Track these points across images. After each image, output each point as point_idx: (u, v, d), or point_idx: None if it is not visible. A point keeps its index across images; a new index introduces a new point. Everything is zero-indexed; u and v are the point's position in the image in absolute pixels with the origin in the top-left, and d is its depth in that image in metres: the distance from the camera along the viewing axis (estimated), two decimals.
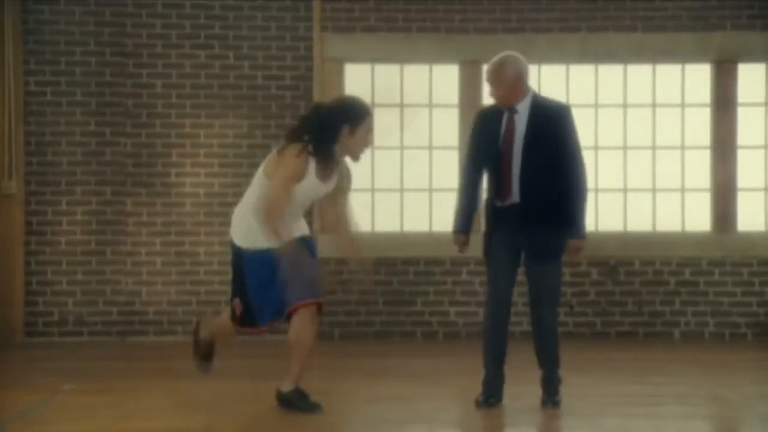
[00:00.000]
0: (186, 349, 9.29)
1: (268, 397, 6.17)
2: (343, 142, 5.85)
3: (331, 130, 5.82)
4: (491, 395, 6.21)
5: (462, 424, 5.98)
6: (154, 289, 10.06)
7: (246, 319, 6.03)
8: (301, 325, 5.90)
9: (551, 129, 6.11)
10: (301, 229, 6.06)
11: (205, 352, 6.48)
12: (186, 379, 7.42)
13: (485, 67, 6.35)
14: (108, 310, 10.04)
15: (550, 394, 6.25)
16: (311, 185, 5.90)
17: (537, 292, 6.22)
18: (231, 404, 6.37)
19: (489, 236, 6.22)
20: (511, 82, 6.13)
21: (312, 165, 5.84)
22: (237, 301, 6.02)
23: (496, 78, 6.16)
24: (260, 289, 5.93)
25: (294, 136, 5.88)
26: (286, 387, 6.02)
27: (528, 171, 6.09)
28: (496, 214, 6.19)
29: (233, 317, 6.08)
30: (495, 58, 6.21)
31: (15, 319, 9.90)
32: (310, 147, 5.82)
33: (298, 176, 5.80)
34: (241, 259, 5.99)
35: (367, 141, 5.87)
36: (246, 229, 5.94)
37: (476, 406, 6.18)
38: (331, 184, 6.01)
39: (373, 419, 5.98)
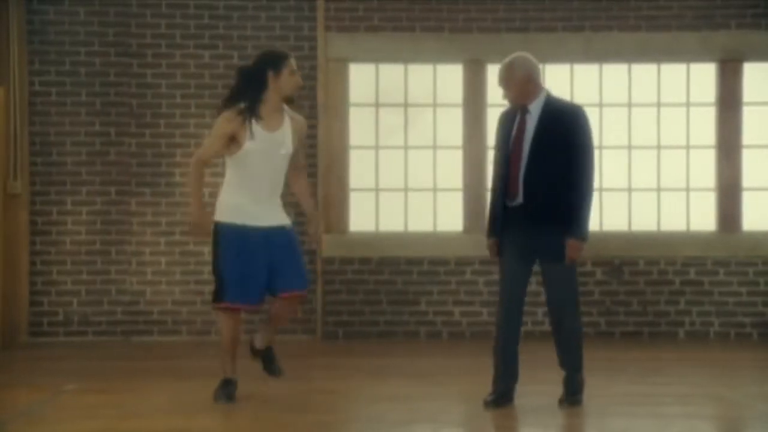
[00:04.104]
0: (189, 349, 9.38)
1: (270, 397, 6.17)
2: (273, 87, 6.18)
3: (258, 80, 6.19)
4: (501, 396, 6.19)
5: (466, 424, 5.98)
6: (159, 289, 10.07)
7: (218, 294, 6.17)
8: (286, 307, 6.30)
9: (560, 130, 6.08)
10: (279, 217, 6.25)
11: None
12: (189, 379, 7.43)
13: (497, 69, 6.33)
14: (112, 309, 10.04)
15: (570, 393, 6.23)
16: (264, 142, 6.12)
17: (552, 294, 6.21)
18: (233, 404, 6.36)
19: (500, 237, 6.21)
20: (521, 83, 6.12)
21: (252, 123, 6.12)
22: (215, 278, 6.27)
23: (506, 79, 6.16)
24: (234, 262, 6.10)
25: (227, 103, 6.23)
26: (260, 344, 6.44)
27: (532, 171, 6.07)
28: (506, 215, 6.18)
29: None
30: (505, 60, 6.21)
31: (20, 318, 9.91)
32: (244, 105, 6.14)
33: (225, 134, 6.10)
34: (216, 234, 6.19)
35: (294, 80, 6.22)
36: (222, 203, 6.23)
37: (485, 407, 6.16)
38: (286, 141, 6.21)
39: (376, 419, 5.98)
